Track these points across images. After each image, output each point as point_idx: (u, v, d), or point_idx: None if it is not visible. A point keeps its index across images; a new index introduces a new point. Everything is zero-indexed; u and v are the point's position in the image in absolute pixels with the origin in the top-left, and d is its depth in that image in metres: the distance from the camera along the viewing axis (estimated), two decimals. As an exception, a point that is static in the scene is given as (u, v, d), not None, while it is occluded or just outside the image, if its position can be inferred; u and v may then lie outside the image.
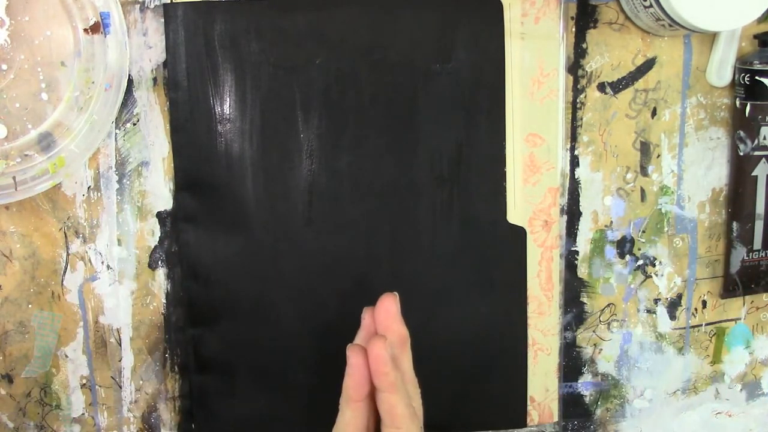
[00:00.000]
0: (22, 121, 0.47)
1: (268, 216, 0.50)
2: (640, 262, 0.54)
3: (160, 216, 0.51)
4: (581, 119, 0.52)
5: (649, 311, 0.55)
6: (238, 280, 0.51)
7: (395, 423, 0.40)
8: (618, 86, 0.52)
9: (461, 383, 0.53)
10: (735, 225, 0.53)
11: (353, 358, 0.40)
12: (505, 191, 0.51)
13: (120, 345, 0.52)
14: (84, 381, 0.52)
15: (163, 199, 0.50)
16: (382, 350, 0.39)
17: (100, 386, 0.52)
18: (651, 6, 0.47)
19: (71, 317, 0.51)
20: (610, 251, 0.54)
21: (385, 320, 0.42)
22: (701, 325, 0.56)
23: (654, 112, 0.53)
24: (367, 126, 0.50)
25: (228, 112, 0.49)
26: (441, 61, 0.49)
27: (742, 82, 0.51)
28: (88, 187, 0.50)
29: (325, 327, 0.52)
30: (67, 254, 0.50)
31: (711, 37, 0.52)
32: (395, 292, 0.43)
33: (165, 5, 0.48)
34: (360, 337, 0.43)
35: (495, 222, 0.51)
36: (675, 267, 0.55)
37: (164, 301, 0.52)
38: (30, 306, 0.51)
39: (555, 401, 0.54)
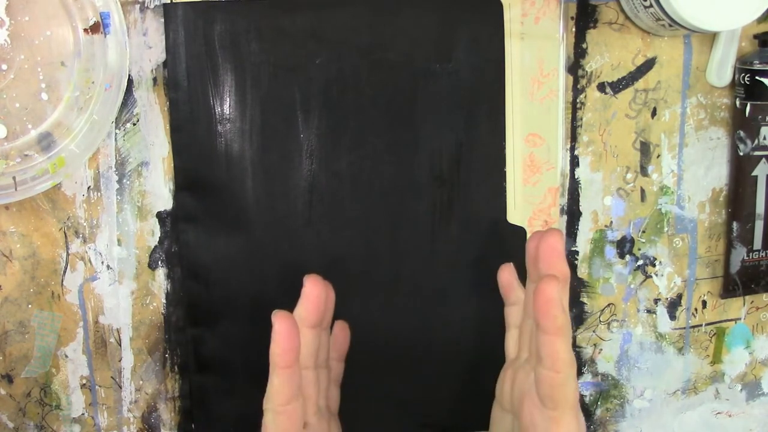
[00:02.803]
0: (22, 121, 0.47)
1: (268, 216, 0.50)
2: (640, 262, 0.54)
3: (160, 216, 0.51)
4: (581, 119, 0.52)
5: (649, 311, 0.55)
6: (238, 280, 0.51)
7: (556, 366, 0.39)
8: (618, 86, 0.52)
9: (461, 383, 0.53)
10: (735, 225, 0.53)
11: (278, 324, 0.38)
12: (505, 191, 0.51)
13: (120, 345, 0.52)
14: (84, 381, 0.52)
15: (163, 199, 0.50)
16: (555, 292, 0.38)
17: (100, 386, 0.52)
18: (651, 6, 0.47)
19: (71, 317, 0.51)
20: (610, 251, 0.54)
21: (551, 258, 0.40)
22: (701, 325, 0.56)
23: (654, 112, 0.53)
24: (367, 126, 0.50)
25: (228, 112, 0.49)
26: (441, 61, 0.50)
27: (742, 82, 0.51)
28: (88, 187, 0.50)
29: (325, 327, 0.52)
30: (67, 254, 0.50)
31: (711, 37, 0.52)
32: (560, 229, 0.41)
33: (165, 5, 0.48)
34: (302, 307, 0.42)
35: (495, 222, 0.51)
36: (675, 267, 0.55)
37: (164, 301, 0.52)
38: (30, 306, 0.51)
39: (555, 401, 0.54)
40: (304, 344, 0.42)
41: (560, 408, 0.39)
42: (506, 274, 0.48)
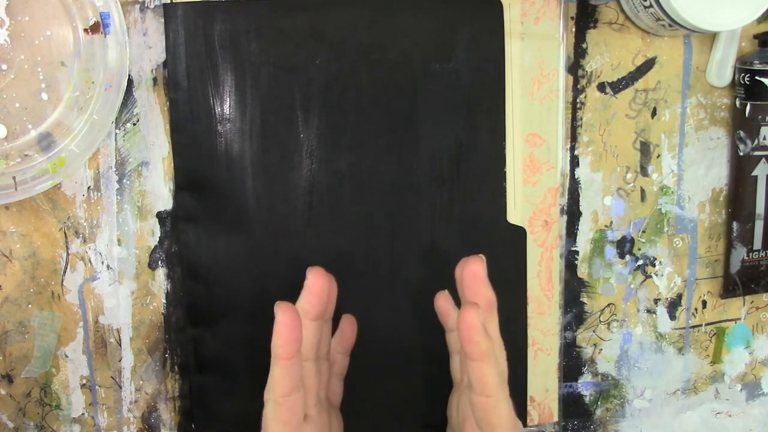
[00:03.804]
0: (22, 121, 0.47)
1: (268, 216, 0.50)
2: (640, 262, 0.54)
3: (160, 216, 0.51)
4: (581, 119, 0.52)
5: (649, 311, 0.55)
6: (238, 280, 0.51)
7: (485, 391, 0.39)
8: (618, 86, 0.52)
9: (461, 383, 0.53)
10: (735, 225, 0.53)
11: (281, 315, 0.39)
12: (505, 191, 0.51)
13: (120, 345, 0.52)
14: (84, 381, 0.52)
15: (163, 199, 0.50)
16: (475, 319, 0.38)
17: (100, 386, 0.52)
18: (651, 6, 0.47)
19: (71, 317, 0.51)
20: (610, 251, 0.54)
21: (473, 284, 0.41)
22: (701, 325, 0.56)
23: (654, 112, 0.53)
24: (367, 126, 0.50)
25: (228, 112, 0.49)
26: (441, 61, 0.50)
27: (742, 82, 0.51)
28: (88, 187, 0.50)
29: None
30: (67, 254, 0.50)
31: (711, 37, 0.52)
32: (482, 255, 0.42)
33: (165, 5, 0.48)
34: (304, 299, 0.42)
35: (495, 222, 0.51)
36: (675, 267, 0.55)
37: (164, 301, 0.52)
38: (30, 306, 0.51)
39: (555, 401, 0.54)
40: (305, 336, 0.42)
41: (496, 431, 0.40)
42: (442, 301, 0.48)
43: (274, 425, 0.40)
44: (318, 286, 0.42)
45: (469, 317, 0.38)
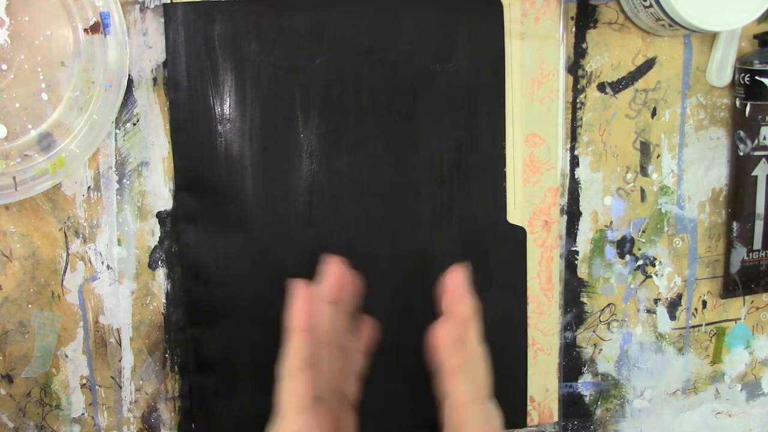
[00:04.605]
0: (22, 121, 0.47)
1: (268, 216, 0.50)
2: (640, 262, 0.54)
3: (160, 216, 0.51)
4: (581, 119, 0.52)
5: (649, 311, 0.55)
6: (238, 280, 0.51)
7: (457, 404, 0.42)
8: (618, 86, 0.52)
9: (461, 383, 0.53)
10: (735, 225, 0.53)
11: (296, 290, 0.42)
12: (505, 191, 0.51)
13: (120, 345, 0.52)
14: (84, 381, 0.52)
15: (163, 199, 0.50)
16: (445, 336, 0.41)
17: (100, 386, 0.52)
18: (651, 6, 0.47)
19: (71, 317, 0.51)
20: (610, 251, 0.54)
21: (452, 295, 0.44)
22: (701, 325, 0.56)
23: (654, 112, 0.53)
24: (367, 126, 0.50)
25: (228, 112, 0.49)
26: (441, 61, 0.49)
27: (742, 82, 0.51)
28: (88, 187, 0.50)
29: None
30: (67, 254, 0.50)
31: (711, 37, 0.52)
32: (463, 264, 0.44)
33: (165, 5, 0.48)
34: (322, 283, 0.44)
35: (495, 222, 0.51)
36: (675, 267, 0.55)
37: (164, 301, 0.52)
38: (30, 306, 0.51)
39: (555, 401, 0.54)
40: (320, 318, 0.43)
41: None
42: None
43: (289, 398, 0.41)
44: (333, 271, 0.44)
45: (441, 332, 0.42)
